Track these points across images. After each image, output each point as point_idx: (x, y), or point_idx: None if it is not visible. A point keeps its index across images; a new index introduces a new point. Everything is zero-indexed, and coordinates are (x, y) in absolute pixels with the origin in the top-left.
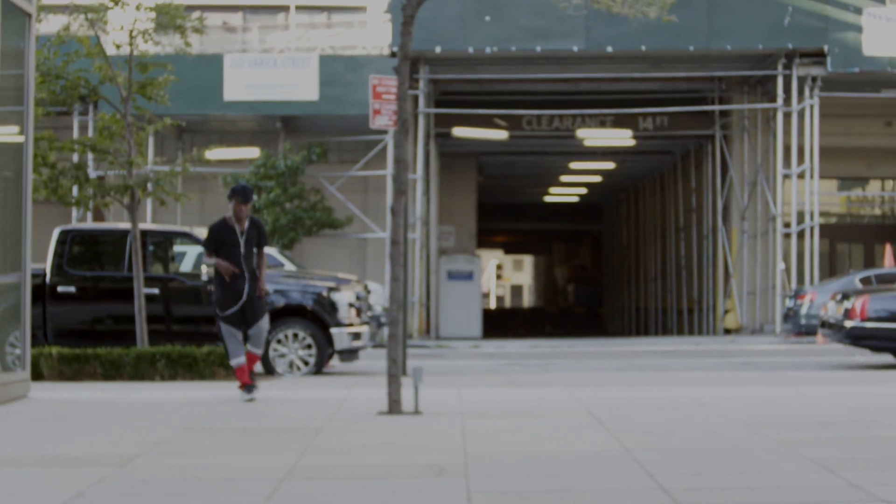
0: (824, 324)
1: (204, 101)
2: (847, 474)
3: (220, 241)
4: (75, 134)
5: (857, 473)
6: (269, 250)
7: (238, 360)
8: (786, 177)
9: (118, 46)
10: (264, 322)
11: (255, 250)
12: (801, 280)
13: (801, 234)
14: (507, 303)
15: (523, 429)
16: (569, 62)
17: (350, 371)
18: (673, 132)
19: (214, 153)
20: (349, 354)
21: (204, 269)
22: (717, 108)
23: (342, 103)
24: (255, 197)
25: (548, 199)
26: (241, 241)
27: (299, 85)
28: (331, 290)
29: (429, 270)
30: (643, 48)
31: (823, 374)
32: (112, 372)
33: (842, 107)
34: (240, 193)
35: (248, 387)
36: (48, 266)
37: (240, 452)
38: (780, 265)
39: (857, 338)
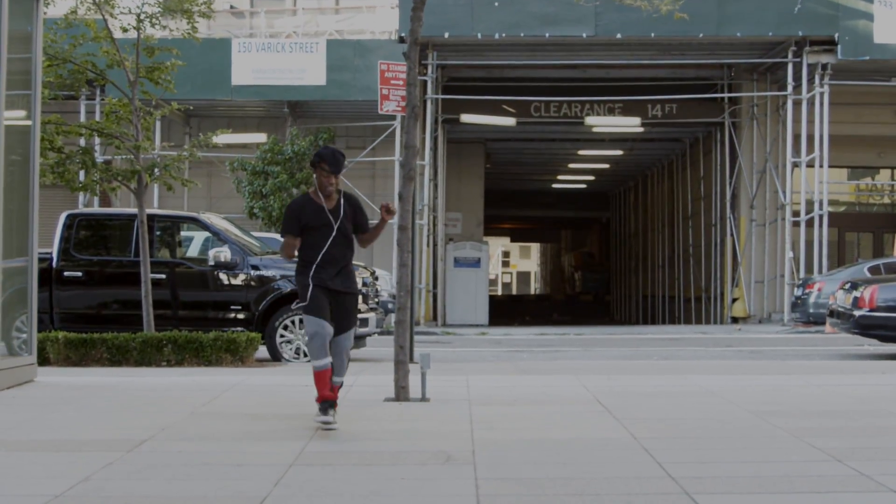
0: (833, 313)
1: (211, 86)
2: (856, 464)
3: (302, 223)
4: (82, 118)
5: (865, 463)
6: (275, 236)
7: (320, 363)
8: (795, 165)
9: (125, 30)
10: (347, 336)
11: (351, 236)
12: (809, 269)
13: (809, 223)
14: (514, 290)
15: (531, 416)
16: (578, 48)
17: (357, 357)
18: (682, 119)
19: (221, 138)
20: (356, 341)
21: (211, 254)
22: (726, 95)
23: (350, 88)
24: (342, 164)
25: (555, 186)
26: (335, 224)
27: (307, 70)
28: None
29: (436, 257)
30: (652, 35)
31: (831, 363)
32: (118, 357)
33: (852, 95)
34: (328, 160)
35: (326, 403)
36: (55, 250)
37: (247, 438)
38: (789, 254)
39: (866, 327)
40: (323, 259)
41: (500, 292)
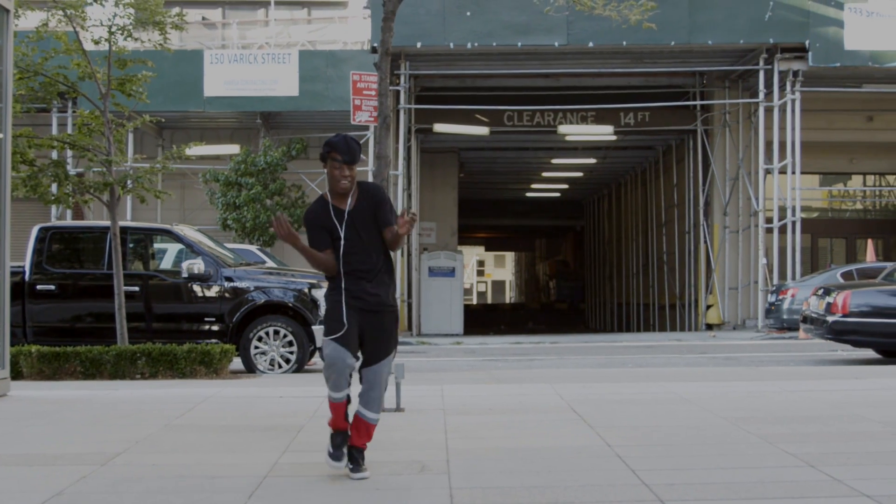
0: (806, 319)
1: (184, 98)
2: (828, 469)
3: (326, 230)
4: (54, 131)
5: (838, 468)
6: (249, 247)
7: (335, 395)
8: (767, 172)
9: (97, 42)
10: (385, 364)
11: (375, 237)
12: (783, 275)
13: (782, 229)
14: (489, 299)
15: (506, 425)
16: (550, 57)
17: None
18: (654, 127)
19: (194, 150)
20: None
21: (184, 266)
22: (698, 102)
23: (322, 99)
24: (362, 157)
25: (529, 194)
26: (342, 230)
27: (279, 81)
28: (312, 287)
29: (410, 267)
30: (624, 43)
31: (805, 369)
32: (92, 370)
33: (823, 101)
34: (340, 148)
35: (338, 435)
36: (27, 264)
37: (221, 450)
38: (762, 260)
39: (839, 332)
40: (347, 274)
41: (475, 301)
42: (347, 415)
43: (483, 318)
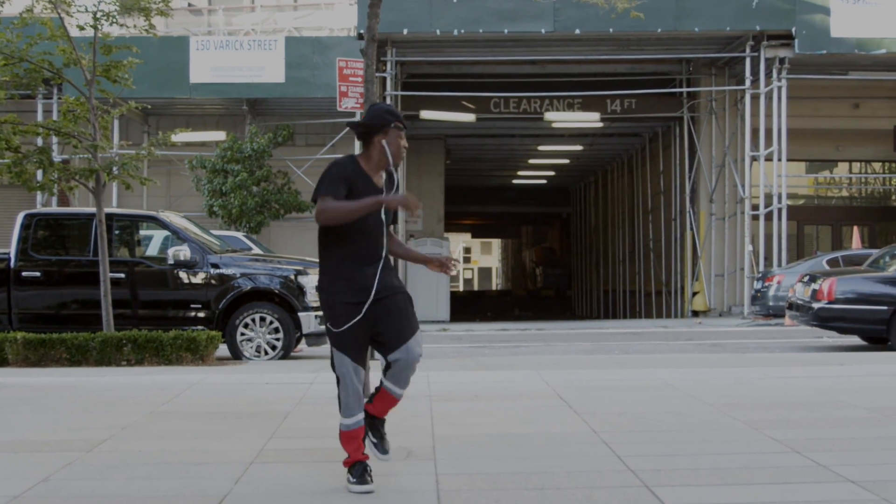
0: (792, 306)
1: (169, 84)
2: (814, 455)
3: (350, 187)
4: (39, 117)
5: (823, 454)
6: (236, 234)
7: (350, 421)
8: (754, 159)
9: (82, 28)
10: (416, 342)
11: (384, 219)
12: (769, 262)
13: (768, 216)
14: (476, 286)
15: (492, 411)
16: (537, 44)
17: (318, 355)
18: (641, 114)
19: (180, 136)
20: (316, 338)
21: (170, 253)
22: (685, 90)
23: (309, 86)
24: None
25: (516, 181)
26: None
27: (266, 67)
28: (298, 273)
29: None
30: (611, 30)
31: (791, 355)
32: (78, 357)
33: (810, 89)
34: (400, 116)
35: (360, 465)
36: (13, 251)
37: (207, 437)
38: (748, 247)
39: (825, 319)
40: (369, 255)
41: (461, 288)
42: (393, 395)
43: (469, 305)
